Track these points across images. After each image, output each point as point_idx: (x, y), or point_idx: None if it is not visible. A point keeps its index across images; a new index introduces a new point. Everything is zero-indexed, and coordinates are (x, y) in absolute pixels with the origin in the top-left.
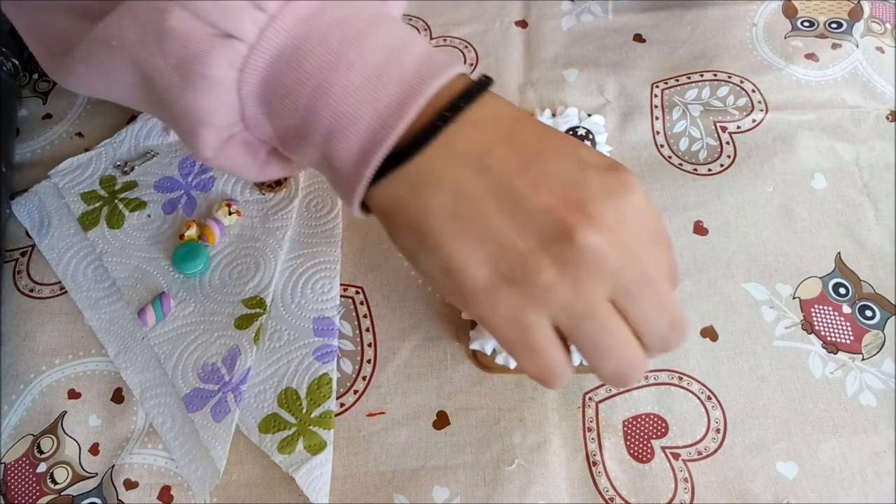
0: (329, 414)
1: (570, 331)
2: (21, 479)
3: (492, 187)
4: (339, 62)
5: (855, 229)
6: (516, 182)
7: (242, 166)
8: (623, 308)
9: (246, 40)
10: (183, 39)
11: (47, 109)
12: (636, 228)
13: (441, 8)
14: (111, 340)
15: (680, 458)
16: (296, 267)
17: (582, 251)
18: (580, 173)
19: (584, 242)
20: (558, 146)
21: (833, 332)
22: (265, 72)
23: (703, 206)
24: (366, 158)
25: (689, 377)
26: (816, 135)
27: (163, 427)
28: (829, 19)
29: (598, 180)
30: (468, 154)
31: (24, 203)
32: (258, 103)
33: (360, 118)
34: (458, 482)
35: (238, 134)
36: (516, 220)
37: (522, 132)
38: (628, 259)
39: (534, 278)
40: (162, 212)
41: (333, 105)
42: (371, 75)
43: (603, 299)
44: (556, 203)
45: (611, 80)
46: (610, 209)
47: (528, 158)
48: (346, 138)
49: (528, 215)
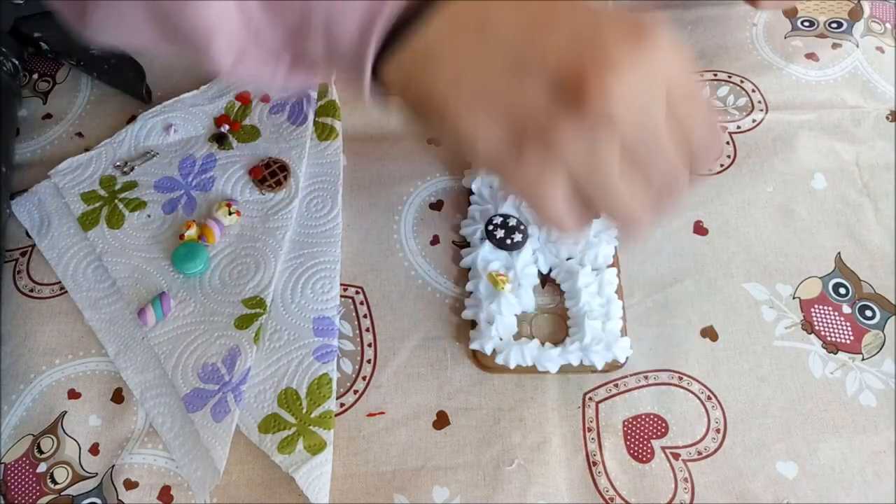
0: (329, 414)
1: (582, 184)
2: (21, 479)
3: (498, 49)
4: None
5: (855, 229)
6: (525, 40)
7: (264, 74)
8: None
9: None
10: None
11: (47, 109)
12: (661, 84)
13: None
14: (111, 340)
15: (680, 458)
16: (296, 267)
17: (596, 106)
18: (598, 26)
19: (599, 96)
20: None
21: (833, 332)
22: None
23: (703, 206)
24: (366, 37)
25: (689, 377)
26: (816, 135)
27: (163, 427)
28: (829, 19)
29: (620, 31)
30: (471, 18)
31: (24, 203)
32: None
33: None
34: (458, 482)
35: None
36: (526, 80)
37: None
38: (643, 117)
39: (548, 137)
40: (162, 212)
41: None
42: None
43: (615, 156)
44: (571, 56)
45: None
46: (632, 61)
47: (538, 15)
48: (343, 21)
49: (538, 73)
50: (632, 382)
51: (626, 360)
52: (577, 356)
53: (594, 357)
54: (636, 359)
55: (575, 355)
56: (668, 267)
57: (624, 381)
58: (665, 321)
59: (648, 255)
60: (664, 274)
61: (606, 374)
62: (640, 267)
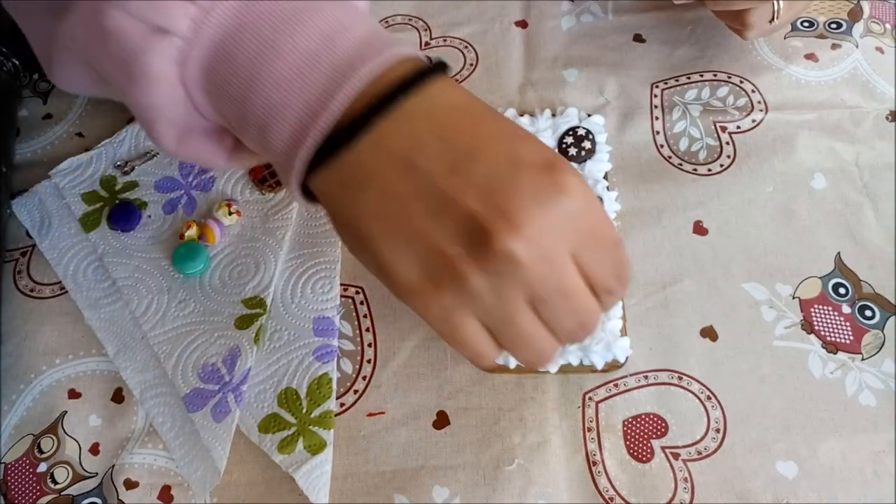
0: (329, 414)
1: (490, 328)
2: (21, 479)
3: (420, 188)
4: (269, 51)
5: (855, 229)
6: (444, 183)
7: (208, 157)
8: (538, 311)
9: (180, 34)
10: (120, 38)
11: (47, 109)
12: (567, 234)
13: (441, 8)
14: (111, 340)
15: (680, 458)
16: (296, 267)
17: (500, 260)
18: (512, 175)
19: (503, 251)
20: (495, 142)
21: (833, 332)
22: (204, 64)
23: (702, 206)
24: (295, 151)
25: (688, 377)
26: (816, 135)
27: (163, 427)
28: (829, 20)
29: (530, 182)
30: (398, 150)
31: (25, 203)
32: (203, 94)
33: (289, 108)
34: (458, 482)
35: (197, 126)
36: (443, 223)
37: (459, 126)
38: (546, 269)
39: (459, 285)
40: (162, 212)
41: (264, 96)
42: (302, 63)
43: (522, 304)
44: (482, 209)
45: (611, 80)
46: (536, 216)
47: (460, 156)
48: (277, 129)
49: (454, 219)
50: (632, 382)
51: (626, 359)
52: (577, 356)
53: (594, 357)
54: (636, 359)
55: (575, 355)
56: (668, 267)
57: (624, 381)
58: (665, 321)
59: (648, 254)
60: (664, 274)
61: (606, 374)
62: (640, 267)
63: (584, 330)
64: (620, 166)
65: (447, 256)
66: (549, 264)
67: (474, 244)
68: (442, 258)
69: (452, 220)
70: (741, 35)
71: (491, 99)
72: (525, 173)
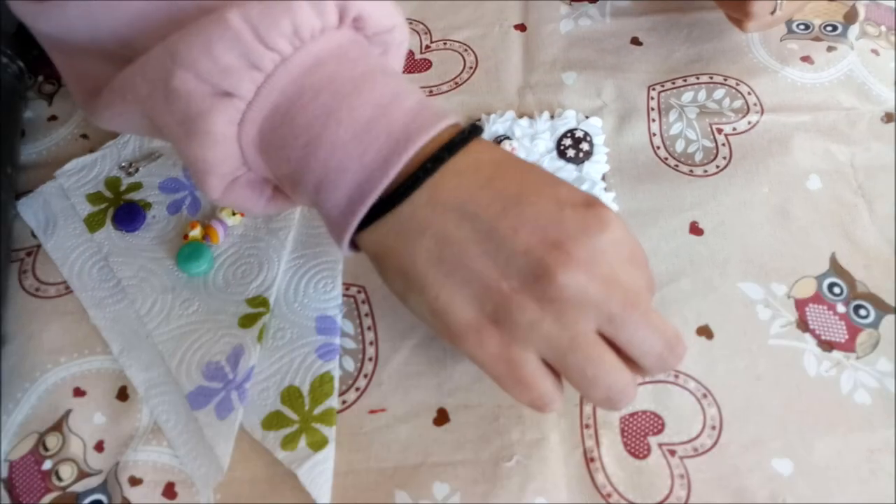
0: (331, 411)
1: (556, 363)
2: (26, 476)
3: (474, 232)
4: (329, 118)
5: (850, 230)
6: (497, 226)
7: (249, 204)
8: (612, 335)
9: (244, 98)
10: (186, 99)
11: (52, 111)
12: (614, 259)
13: (441, 12)
14: (116, 339)
15: (676, 455)
16: (298, 267)
17: (562, 288)
18: (558, 213)
19: (564, 280)
20: (537, 188)
21: (827, 331)
22: (262, 125)
23: (699, 206)
24: (352, 209)
25: (685, 375)
26: (812, 136)
27: (167, 424)
28: (825, 22)
29: (576, 219)
30: (451, 201)
31: (30, 203)
32: (257, 151)
33: (348, 171)
34: (458, 478)
35: (242, 176)
36: (499, 263)
37: (503, 177)
38: (609, 289)
39: (517, 317)
40: (166, 212)
41: (323, 159)
42: (360, 130)
43: (588, 331)
44: (536, 244)
45: (608, 82)
46: (587, 246)
47: (509, 202)
48: (333, 190)
49: (509, 257)
50: None
51: None
52: None
53: None
54: None
55: None
56: (664, 267)
57: None
58: None
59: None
60: (660, 274)
61: None
62: None
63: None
64: (618, 168)
65: (503, 292)
66: (611, 284)
67: (534, 276)
68: (499, 294)
69: (508, 257)
70: (740, 27)
71: (490, 101)
72: (569, 211)
